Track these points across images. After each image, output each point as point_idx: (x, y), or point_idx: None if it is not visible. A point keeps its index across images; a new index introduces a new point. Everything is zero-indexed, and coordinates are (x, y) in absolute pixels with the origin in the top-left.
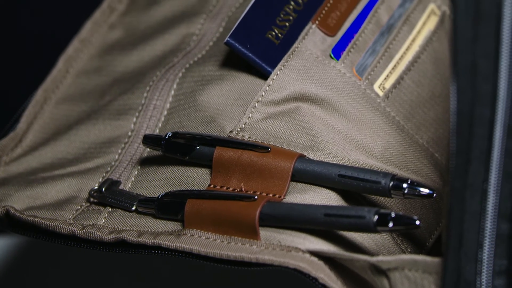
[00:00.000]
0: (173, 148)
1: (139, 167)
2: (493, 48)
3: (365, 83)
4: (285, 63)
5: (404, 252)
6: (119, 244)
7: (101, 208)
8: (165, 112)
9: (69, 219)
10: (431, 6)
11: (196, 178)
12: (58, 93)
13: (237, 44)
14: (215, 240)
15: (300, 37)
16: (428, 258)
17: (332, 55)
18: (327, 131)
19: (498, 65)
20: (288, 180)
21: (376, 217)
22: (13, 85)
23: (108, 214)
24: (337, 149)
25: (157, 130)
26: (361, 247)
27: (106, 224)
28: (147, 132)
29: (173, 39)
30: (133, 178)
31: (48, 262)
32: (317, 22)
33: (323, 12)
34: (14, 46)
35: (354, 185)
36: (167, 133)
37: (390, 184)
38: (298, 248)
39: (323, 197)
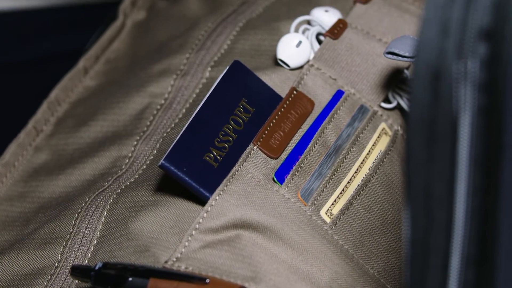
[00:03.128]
0: (103, 280)
1: None
2: (449, 171)
3: (311, 209)
4: (225, 188)
5: None
6: None
7: None
8: (95, 241)
9: None
10: (382, 125)
11: None
12: None
13: (172, 167)
14: None
15: (240, 160)
16: None
17: (275, 179)
18: (270, 261)
19: (454, 189)
20: None
21: None
22: None
23: None
24: (281, 280)
25: (86, 261)
26: None
27: None
28: (76, 262)
29: (104, 162)
30: None
31: None
32: (259, 143)
33: (265, 132)
34: None
35: None
36: (96, 264)
37: None
38: None
39: None
